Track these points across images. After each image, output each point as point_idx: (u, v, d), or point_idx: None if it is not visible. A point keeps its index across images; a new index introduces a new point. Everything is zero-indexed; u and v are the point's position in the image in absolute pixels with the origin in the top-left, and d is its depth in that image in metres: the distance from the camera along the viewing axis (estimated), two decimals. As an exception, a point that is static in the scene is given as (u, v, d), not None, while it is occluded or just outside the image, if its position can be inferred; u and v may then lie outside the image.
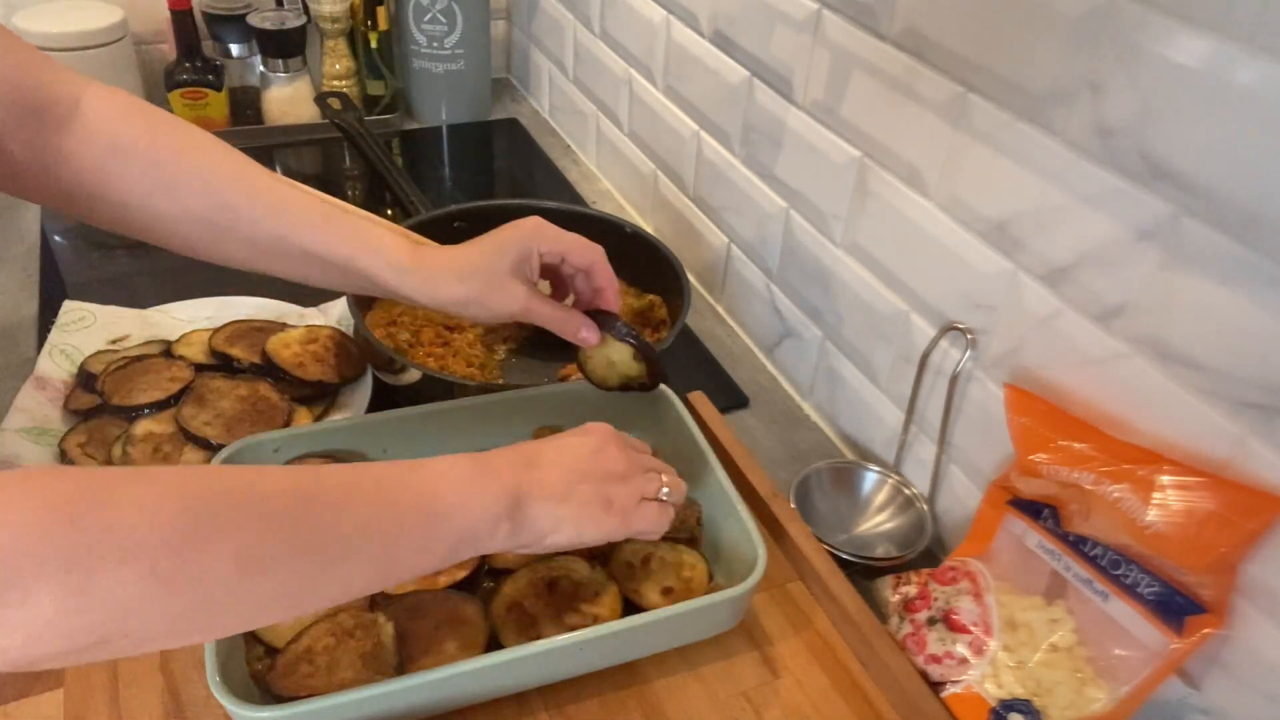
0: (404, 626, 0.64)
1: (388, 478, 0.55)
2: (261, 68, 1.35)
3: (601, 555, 0.71)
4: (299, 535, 0.48)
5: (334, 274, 0.69)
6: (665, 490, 0.64)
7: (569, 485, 0.60)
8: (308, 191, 0.70)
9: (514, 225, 0.70)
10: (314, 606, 0.53)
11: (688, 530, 0.75)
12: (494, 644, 0.64)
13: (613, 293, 0.73)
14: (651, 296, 1.00)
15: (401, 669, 0.62)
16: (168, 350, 0.89)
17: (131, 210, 0.66)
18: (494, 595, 0.68)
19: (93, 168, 0.64)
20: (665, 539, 0.73)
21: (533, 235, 0.69)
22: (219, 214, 0.66)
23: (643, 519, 0.62)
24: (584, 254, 0.71)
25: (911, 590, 0.72)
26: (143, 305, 0.95)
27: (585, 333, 0.72)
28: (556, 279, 0.75)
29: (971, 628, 0.67)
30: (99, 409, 0.83)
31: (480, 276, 0.68)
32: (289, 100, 1.36)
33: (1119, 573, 0.62)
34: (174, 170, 0.65)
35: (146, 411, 0.82)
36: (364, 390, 0.89)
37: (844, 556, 0.77)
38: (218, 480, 0.47)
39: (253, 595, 0.46)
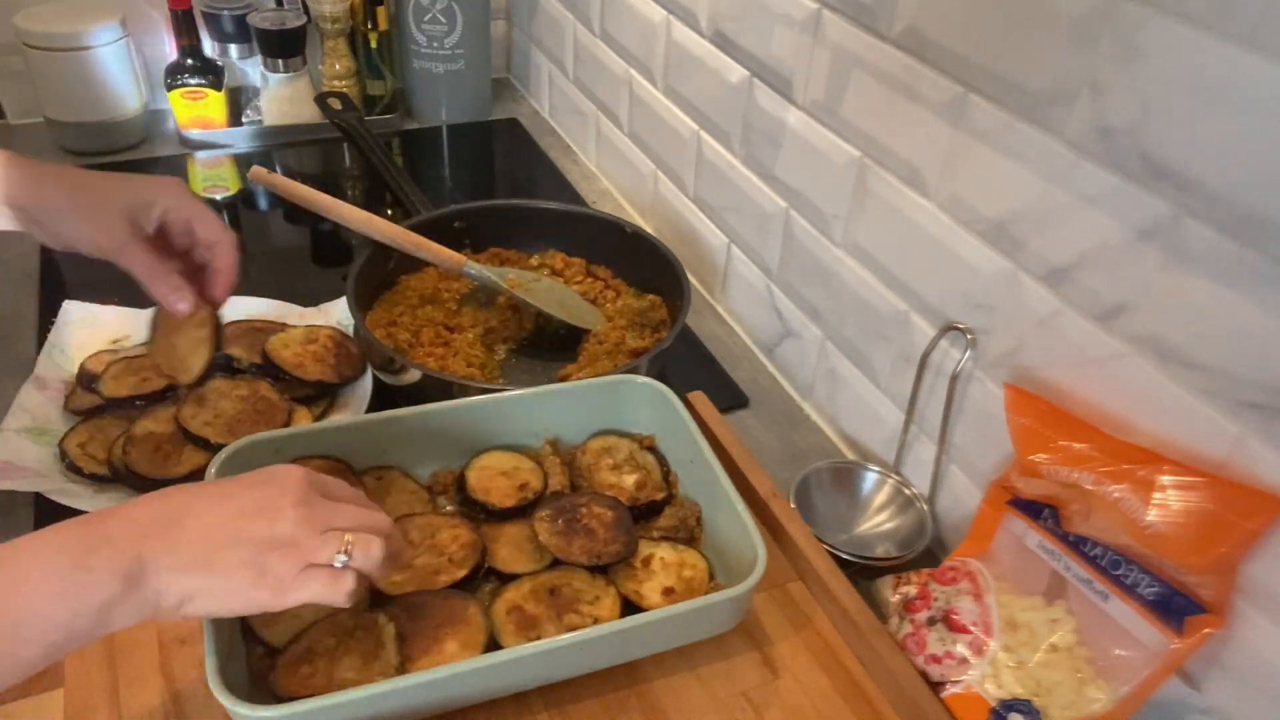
0: (404, 626, 0.64)
1: None
2: (261, 68, 1.35)
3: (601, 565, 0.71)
4: None
5: None
6: (341, 556, 0.54)
7: (211, 551, 0.53)
8: None
9: (154, 178, 0.69)
10: None
11: (687, 530, 0.75)
12: (494, 644, 0.64)
13: (225, 279, 0.70)
14: (651, 296, 1.00)
15: (402, 669, 0.62)
16: (168, 350, 0.89)
17: None
18: (495, 598, 0.68)
19: None
20: (665, 539, 0.74)
21: (165, 190, 0.67)
22: None
23: (303, 589, 0.54)
24: (211, 229, 0.68)
25: (911, 590, 0.72)
26: (143, 305, 0.95)
27: (176, 300, 0.69)
28: (173, 250, 0.71)
29: (971, 628, 0.67)
30: (99, 409, 0.83)
31: (87, 194, 0.65)
32: (289, 100, 1.36)
33: (1119, 573, 0.62)
34: None
35: (140, 404, 0.82)
36: (364, 390, 0.89)
37: (844, 556, 0.77)
38: None
39: None
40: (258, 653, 0.64)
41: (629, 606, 0.68)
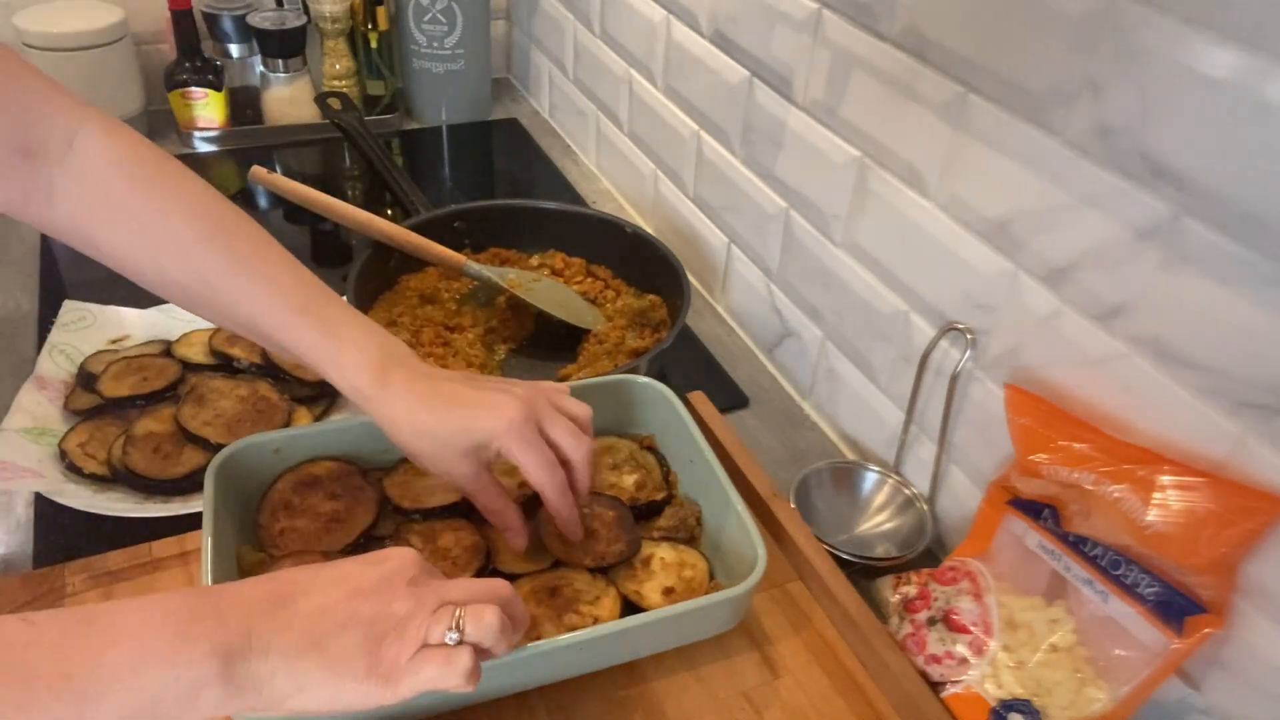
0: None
1: (41, 637, 0.43)
2: (261, 68, 1.35)
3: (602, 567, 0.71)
4: None
5: (304, 363, 0.65)
6: (451, 634, 0.50)
7: (325, 633, 0.48)
8: (286, 269, 0.65)
9: (497, 408, 0.62)
10: None
11: (688, 530, 0.75)
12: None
13: (562, 521, 0.67)
14: (651, 296, 1.01)
15: None
16: (168, 350, 0.89)
17: (119, 263, 0.64)
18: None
19: (81, 216, 0.62)
20: (665, 539, 0.73)
21: (504, 434, 0.62)
22: (197, 286, 0.64)
23: (416, 675, 0.49)
24: (537, 477, 0.64)
25: (911, 590, 0.72)
26: (143, 305, 0.95)
27: (512, 537, 0.68)
28: None
29: (971, 628, 0.67)
30: (99, 409, 0.83)
31: (433, 441, 0.63)
32: (289, 100, 1.36)
33: (1119, 573, 0.62)
34: (156, 235, 0.63)
35: (139, 404, 0.82)
36: (364, 390, 0.88)
37: (844, 556, 0.78)
38: None
39: None
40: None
41: (629, 606, 0.68)
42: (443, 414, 0.62)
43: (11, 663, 0.42)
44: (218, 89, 1.30)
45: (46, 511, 0.76)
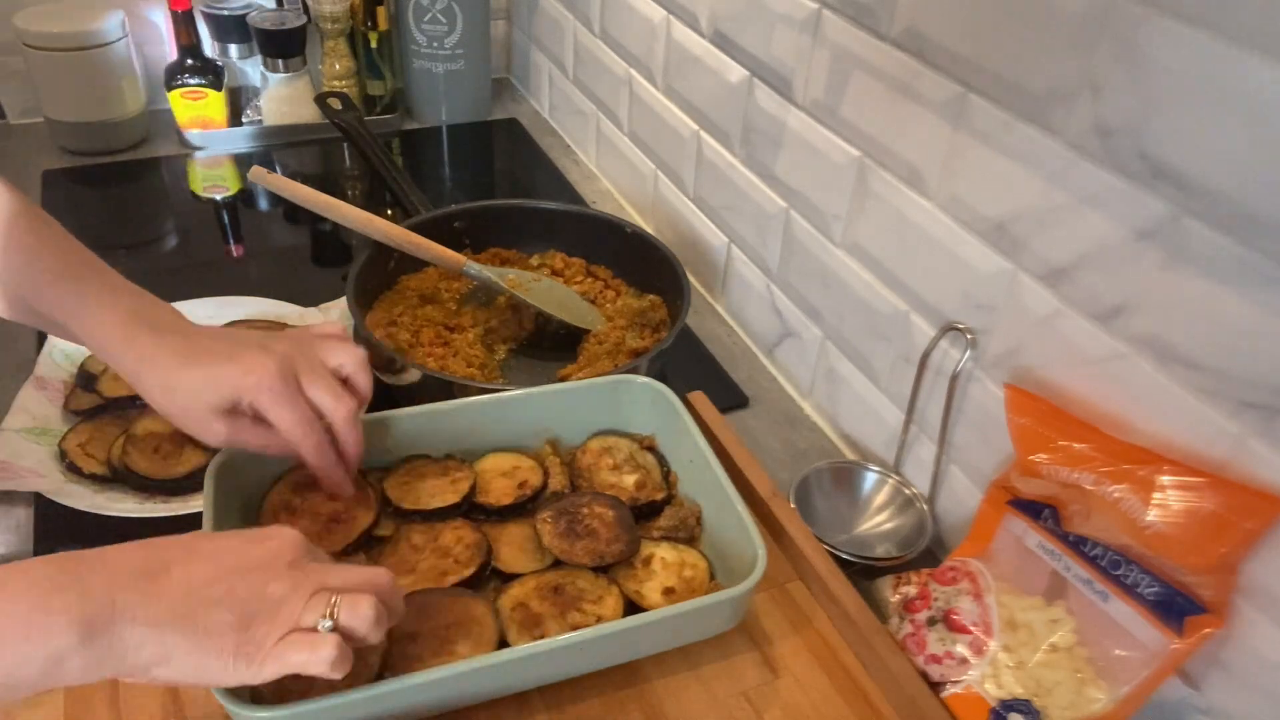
0: (414, 627, 0.63)
1: None
2: (261, 68, 1.35)
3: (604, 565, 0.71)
4: None
5: (69, 337, 0.64)
6: (324, 621, 0.50)
7: (197, 606, 0.48)
8: (56, 243, 0.64)
9: (248, 362, 0.61)
10: None
11: (688, 530, 0.75)
12: (503, 643, 0.64)
13: (326, 480, 0.67)
14: (651, 296, 1.00)
15: (381, 674, 0.61)
16: (168, 350, 0.89)
17: None
18: (500, 595, 0.67)
19: None
20: (665, 539, 0.73)
21: (254, 389, 0.61)
22: None
23: (279, 659, 0.49)
24: (291, 434, 0.62)
25: (911, 590, 0.72)
26: (143, 305, 0.95)
27: (327, 482, 0.67)
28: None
29: (971, 628, 0.67)
30: (99, 409, 0.83)
31: (182, 397, 0.61)
32: (289, 100, 1.36)
33: (1119, 573, 0.62)
34: None
35: (139, 404, 0.82)
36: (364, 390, 0.88)
37: (844, 556, 0.78)
38: None
39: None
40: (258, 653, 0.63)
41: (629, 606, 0.68)
42: (190, 369, 0.61)
43: None
44: (218, 89, 1.30)
45: (46, 511, 0.76)
